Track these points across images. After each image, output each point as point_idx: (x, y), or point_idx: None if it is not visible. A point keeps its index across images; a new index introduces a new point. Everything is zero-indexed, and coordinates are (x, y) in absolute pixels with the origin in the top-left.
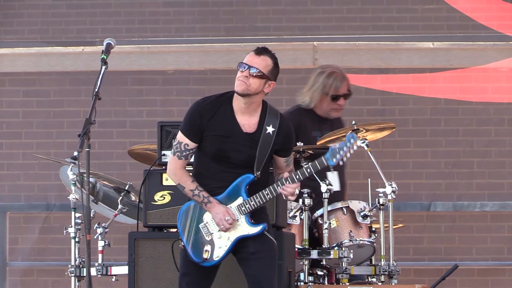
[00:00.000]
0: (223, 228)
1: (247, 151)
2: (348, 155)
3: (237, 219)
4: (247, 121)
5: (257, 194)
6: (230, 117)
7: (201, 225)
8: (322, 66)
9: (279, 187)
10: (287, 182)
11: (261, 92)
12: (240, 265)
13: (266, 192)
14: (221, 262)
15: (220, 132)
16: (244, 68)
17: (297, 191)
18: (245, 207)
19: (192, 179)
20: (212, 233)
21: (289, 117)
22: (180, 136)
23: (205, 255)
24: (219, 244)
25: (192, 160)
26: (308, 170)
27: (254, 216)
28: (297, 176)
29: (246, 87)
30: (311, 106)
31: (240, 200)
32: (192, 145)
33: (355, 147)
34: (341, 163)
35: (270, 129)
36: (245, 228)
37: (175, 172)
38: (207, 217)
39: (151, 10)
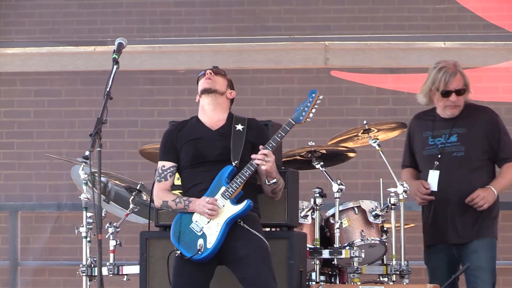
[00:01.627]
0: (208, 212)
1: (220, 145)
2: (314, 110)
3: (223, 205)
4: (214, 122)
5: (236, 176)
6: (198, 124)
7: (191, 226)
8: (437, 61)
9: (253, 161)
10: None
11: (224, 95)
12: (233, 272)
13: (244, 170)
14: (217, 269)
15: (191, 137)
16: (206, 70)
17: (269, 158)
18: (228, 192)
19: (172, 194)
20: (202, 227)
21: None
22: (158, 164)
23: (199, 247)
24: (210, 232)
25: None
26: (279, 135)
27: (246, 222)
28: (270, 145)
29: (212, 83)
30: (425, 102)
31: (222, 189)
32: (168, 164)
33: (318, 101)
34: (308, 120)
35: (239, 127)
36: (231, 209)
37: (157, 194)
38: (195, 216)
39: (162, 9)
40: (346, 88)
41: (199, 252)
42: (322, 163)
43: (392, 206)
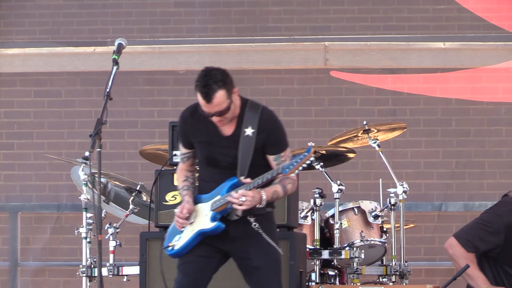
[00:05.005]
0: (176, 224)
1: (232, 153)
2: (300, 168)
3: (206, 214)
4: (226, 125)
5: (227, 193)
6: (209, 123)
7: None
8: None
9: (230, 196)
10: (242, 189)
11: (233, 104)
12: (243, 276)
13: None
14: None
15: (203, 139)
16: (211, 116)
17: (244, 198)
18: (215, 203)
19: (184, 179)
20: (185, 226)
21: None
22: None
23: (172, 242)
24: (185, 235)
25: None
26: (265, 178)
27: (261, 223)
28: (254, 184)
29: (228, 121)
30: None
31: (216, 198)
32: (184, 150)
33: (307, 161)
34: (293, 175)
35: (249, 131)
36: (205, 223)
37: (177, 173)
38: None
39: (162, 10)
40: (345, 88)
41: (169, 248)
42: (322, 163)
43: (392, 207)
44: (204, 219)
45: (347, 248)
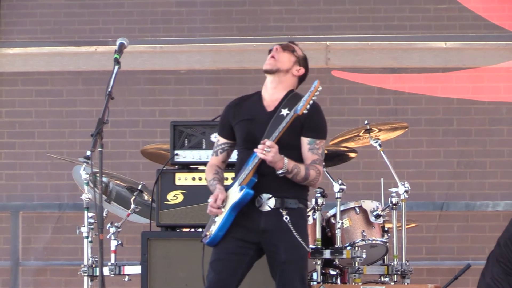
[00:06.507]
0: (209, 210)
1: None
2: (311, 102)
3: (234, 191)
4: (271, 100)
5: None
6: (257, 102)
7: None
8: None
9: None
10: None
11: (289, 72)
12: (270, 269)
13: (254, 158)
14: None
15: (246, 116)
16: (275, 45)
17: (269, 149)
18: (241, 176)
19: (215, 172)
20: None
21: None
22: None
23: (208, 231)
24: (220, 218)
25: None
26: (281, 128)
27: (293, 218)
28: (273, 135)
29: (274, 63)
30: None
31: (243, 174)
32: (221, 140)
33: (317, 93)
34: (305, 111)
35: (284, 112)
36: (234, 197)
37: (207, 168)
38: None
39: (163, 9)
40: (347, 88)
41: (206, 237)
42: (323, 163)
43: (394, 206)
44: (233, 196)
45: (348, 248)
